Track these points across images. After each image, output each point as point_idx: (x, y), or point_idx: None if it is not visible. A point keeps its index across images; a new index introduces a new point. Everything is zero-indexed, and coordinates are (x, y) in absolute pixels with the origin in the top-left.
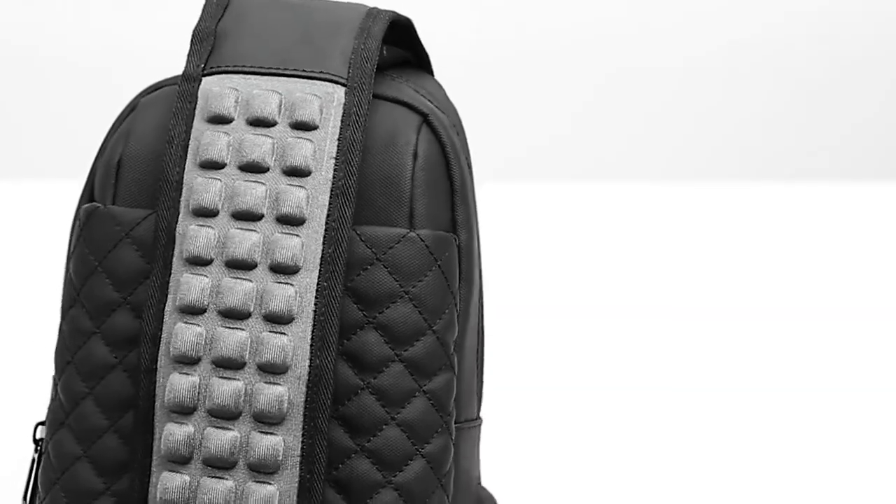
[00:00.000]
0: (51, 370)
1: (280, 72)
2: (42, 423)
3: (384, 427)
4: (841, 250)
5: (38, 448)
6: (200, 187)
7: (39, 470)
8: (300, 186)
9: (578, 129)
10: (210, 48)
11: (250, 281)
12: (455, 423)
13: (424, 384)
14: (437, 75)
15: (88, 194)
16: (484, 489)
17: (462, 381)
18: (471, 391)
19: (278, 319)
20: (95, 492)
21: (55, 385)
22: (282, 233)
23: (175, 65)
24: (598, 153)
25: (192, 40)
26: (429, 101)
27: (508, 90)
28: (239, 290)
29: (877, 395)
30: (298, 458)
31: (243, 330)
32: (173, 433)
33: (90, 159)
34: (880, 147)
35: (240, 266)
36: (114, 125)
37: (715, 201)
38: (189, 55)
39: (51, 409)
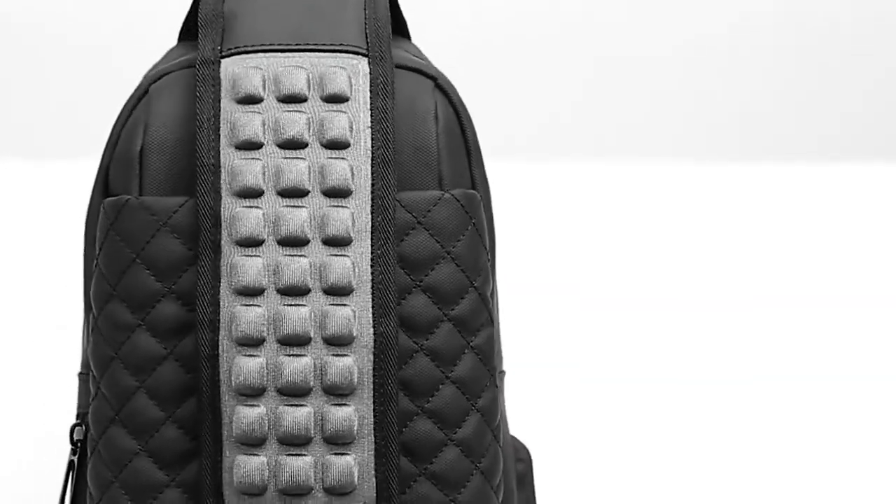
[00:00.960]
0: (66, 369)
1: (299, 47)
2: (78, 425)
3: (441, 386)
4: (852, 234)
5: (77, 449)
6: (243, 168)
7: (89, 470)
8: (342, 158)
9: (578, 110)
10: (221, 30)
11: (305, 256)
12: None
13: (471, 340)
14: (436, 55)
15: (102, 188)
16: (515, 438)
17: (496, 334)
18: (500, 343)
19: (339, 291)
20: (159, 484)
21: (94, 383)
22: (330, 206)
23: (154, 44)
24: (597, 134)
25: (200, 24)
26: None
27: (508, 70)
28: (296, 266)
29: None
30: (372, 426)
31: (305, 305)
32: (245, 415)
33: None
34: (887, 127)
35: (293, 243)
36: (123, 115)
37: (719, 182)
38: (201, 39)
39: (93, 409)
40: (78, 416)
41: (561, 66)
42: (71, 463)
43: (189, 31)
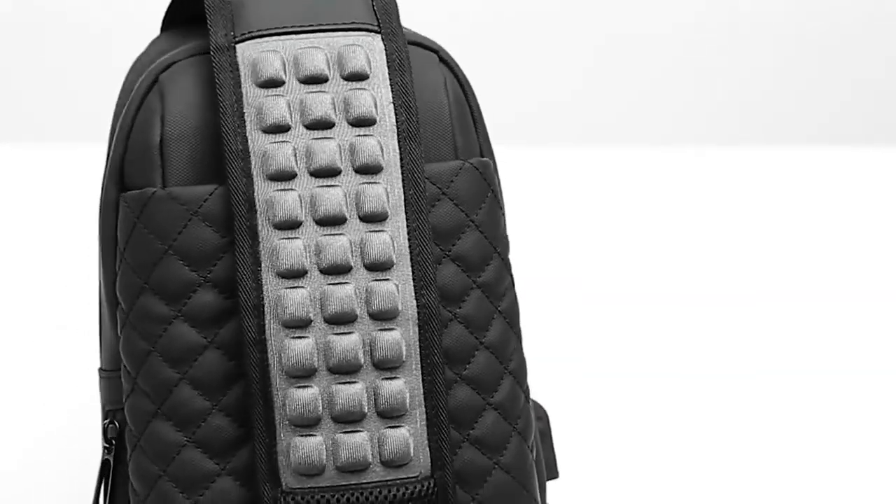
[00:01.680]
0: (65, 369)
1: (312, 28)
2: (112, 423)
3: (476, 353)
4: (856, 222)
5: (112, 447)
6: (273, 152)
7: (131, 466)
8: (370, 135)
9: (577, 93)
10: (230, 16)
11: (344, 234)
12: None
13: (499, 305)
14: (436, 38)
15: (118, 181)
16: (532, 400)
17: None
18: None
19: (381, 267)
20: (211, 474)
21: (129, 379)
22: (363, 183)
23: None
24: (595, 118)
25: (207, 11)
26: None
27: (506, 53)
28: (337, 245)
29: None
30: (422, 397)
31: (349, 283)
32: (299, 397)
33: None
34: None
35: (331, 222)
36: (132, 106)
37: (717, 166)
38: (211, 26)
39: (131, 405)
40: (106, 414)
41: (558, 51)
42: (106, 462)
43: (173, 20)
